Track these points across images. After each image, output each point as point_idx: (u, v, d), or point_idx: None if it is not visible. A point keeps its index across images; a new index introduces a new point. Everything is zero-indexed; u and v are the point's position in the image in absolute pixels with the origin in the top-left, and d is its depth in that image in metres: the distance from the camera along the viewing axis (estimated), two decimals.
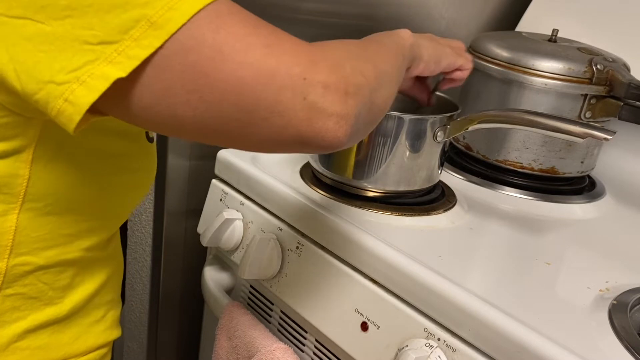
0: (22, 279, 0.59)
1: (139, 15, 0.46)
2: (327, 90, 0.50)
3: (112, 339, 0.71)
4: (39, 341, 0.62)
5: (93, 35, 0.46)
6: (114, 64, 0.46)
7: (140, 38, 0.46)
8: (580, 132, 0.74)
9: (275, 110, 0.49)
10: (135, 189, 0.67)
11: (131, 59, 0.46)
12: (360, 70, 0.53)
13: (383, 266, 0.72)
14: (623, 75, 0.94)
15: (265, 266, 0.82)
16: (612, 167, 1.08)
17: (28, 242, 0.58)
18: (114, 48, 0.46)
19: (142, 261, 1.08)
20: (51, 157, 0.56)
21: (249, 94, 0.48)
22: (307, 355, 0.82)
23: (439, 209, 0.85)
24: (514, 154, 0.97)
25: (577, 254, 0.85)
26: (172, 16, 0.46)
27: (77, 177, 0.58)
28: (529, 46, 0.99)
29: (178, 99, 0.48)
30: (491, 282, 0.73)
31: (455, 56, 0.77)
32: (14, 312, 0.60)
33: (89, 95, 0.46)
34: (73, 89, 0.46)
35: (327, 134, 0.50)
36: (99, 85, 0.46)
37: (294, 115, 0.49)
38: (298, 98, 0.49)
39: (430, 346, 0.66)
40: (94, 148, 0.58)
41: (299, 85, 0.49)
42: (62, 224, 0.59)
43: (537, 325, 0.62)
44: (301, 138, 0.50)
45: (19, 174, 0.55)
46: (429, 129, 0.81)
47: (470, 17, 1.24)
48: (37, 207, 0.57)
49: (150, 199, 1.03)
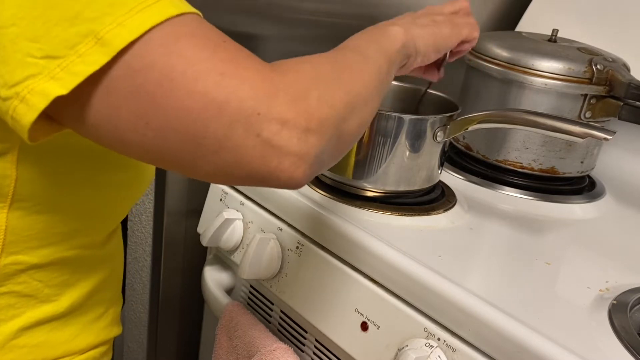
0: (15, 277, 0.59)
1: (87, 30, 0.44)
2: (284, 127, 0.46)
3: (112, 336, 0.70)
4: (36, 339, 0.61)
5: (38, 48, 0.44)
6: (56, 79, 0.44)
7: (86, 54, 0.44)
8: (580, 132, 0.74)
9: (225, 146, 0.46)
10: (128, 186, 0.66)
11: (74, 75, 0.44)
12: (327, 99, 0.49)
13: (383, 266, 0.72)
14: (623, 75, 0.94)
15: (265, 266, 0.82)
16: (612, 167, 1.08)
17: (19, 241, 0.57)
18: (58, 63, 0.44)
19: (142, 261, 1.09)
20: (36, 157, 0.55)
21: (196, 125, 0.45)
22: (307, 355, 0.82)
23: (439, 209, 0.85)
24: (514, 154, 0.97)
25: (577, 254, 0.85)
26: (119, 32, 0.44)
27: (64, 176, 0.58)
28: (529, 46, 0.99)
29: (124, 123, 0.45)
30: (491, 282, 0.73)
31: (456, 34, 0.72)
32: (9, 309, 0.59)
33: (29, 113, 0.44)
34: (15, 106, 0.45)
35: (282, 174, 0.47)
36: (38, 103, 0.44)
37: (245, 152, 0.46)
38: (250, 134, 0.45)
39: (430, 346, 0.66)
40: (79, 148, 0.57)
41: (252, 121, 0.45)
42: (53, 223, 0.59)
43: (537, 325, 0.62)
44: (254, 176, 0.47)
45: (6, 175, 0.54)
46: (429, 129, 0.81)
47: None
48: (27, 206, 0.57)
49: (150, 199, 1.03)
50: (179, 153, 0.46)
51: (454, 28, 0.72)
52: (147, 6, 0.45)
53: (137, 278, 1.11)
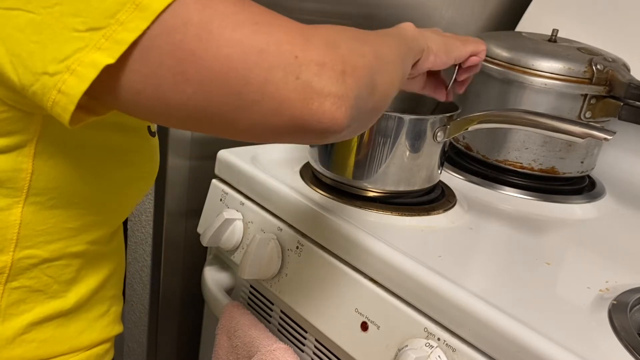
0: (28, 272, 0.59)
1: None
2: (322, 69, 0.47)
3: (114, 334, 0.71)
4: (44, 334, 0.62)
5: (81, 22, 0.45)
6: (102, 50, 0.45)
7: (127, 21, 0.45)
8: (580, 132, 0.74)
9: (266, 92, 0.46)
10: (138, 182, 0.67)
11: (119, 43, 0.45)
12: (358, 50, 0.51)
13: (383, 266, 0.72)
14: (623, 75, 0.94)
15: (265, 266, 0.82)
16: (612, 167, 1.08)
17: (33, 236, 0.58)
18: (102, 34, 0.45)
19: (142, 261, 1.09)
20: (53, 151, 0.56)
21: (236, 73, 0.46)
22: (307, 355, 0.82)
23: (439, 209, 0.85)
24: (514, 154, 0.97)
25: (577, 254, 0.85)
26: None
27: (79, 171, 0.58)
28: (529, 46, 0.99)
29: (165, 81, 0.46)
30: (491, 282, 0.73)
31: (464, 45, 0.75)
32: (20, 304, 0.60)
33: (80, 84, 0.46)
34: (65, 79, 0.46)
35: (324, 116, 0.48)
36: (89, 74, 0.45)
37: (286, 97, 0.46)
38: (290, 77, 0.46)
39: (430, 346, 0.66)
40: (95, 143, 0.58)
41: (290, 64, 0.46)
42: (66, 218, 0.59)
43: (537, 325, 0.62)
44: (296, 122, 0.48)
45: (22, 169, 0.55)
46: (429, 129, 0.81)
47: (470, 17, 1.24)
48: (41, 200, 0.57)
49: (150, 199, 1.03)
50: (220, 107, 0.47)
51: (460, 40, 0.75)
52: None
53: (137, 278, 1.11)
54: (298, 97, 0.47)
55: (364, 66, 0.51)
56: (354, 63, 0.49)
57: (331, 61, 0.48)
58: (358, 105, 0.50)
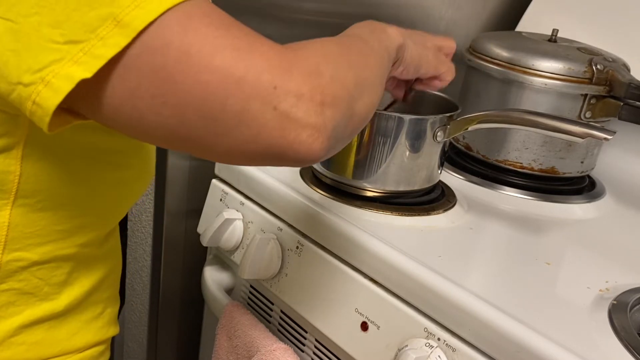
0: (17, 274, 0.59)
1: (106, 13, 0.45)
2: (300, 100, 0.47)
3: (109, 336, 0.71)
4: (35, 337, 0.62)
5: (60, 34, 0.45)
6: (80, 64, 0.45)
7: (107, 37, 0.45)
8: (580, 132, 0.74)
9: (243, 120, 0.46)
10: (131, 184, 0.66)
11: (97, 58, 0.45)
12: (339, 77, 0.50)
13: (383, 266, 0.72)
14: (623, 75, 0.94)
15: (265, 266, 0.82)
16: (612, 167, 1.08)
17: (22, 238, 0.58)
18: (80, 47, 0.45)
19: (142, 261, 1.09)
20: (41, 154, 0.55)
21: (214, 100, 0.46)
22: (307, 355, 0.82)
23: (439, 209, 0.85)
24: (514, 154, 0.97)
25: (577, 254, 0.85)
26: (138, 14, 0.45)
27: (68, 173, 0.58)
28: (529, 46, 0.99)
29: (143, 102, 0.46)
30: (491, 282, 0.73)
31: (436, 65, 0.73)
32: (9, 307, 0.60)
33: (54, 96, 0.45)
34: (39, 91, 0.45)
35: (301, 147, 0.48)
36: (63, 86, 0.45)
37: (263, 126, 0.46)
38: (268, 108, 0.46)
39: (430, 346, 0.66)
40: (84, 145, 0.58)
41: (269, 94, 0.46)
42: (55, 220, 0.59)
43: (537, 325, 0.62)
44: (272, 150, 0.48)
45: (10, 171, 0.55)
46: (428, 129, 0.81)
47: (470, 17, 1.24)
48: (30, 203, 0.57)
49: (150, 199, 1.03)
50: (196, 131, 0.47)
51: (436, 59, 0.73)
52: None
53: (137, 278, 1.11)
54: (275, 126, 0.47)
55: (344, 95, 0.50)
56: (334, 93, 0.49)
57: (310, 92, 0.47)
58: (335, 134, 0.50)
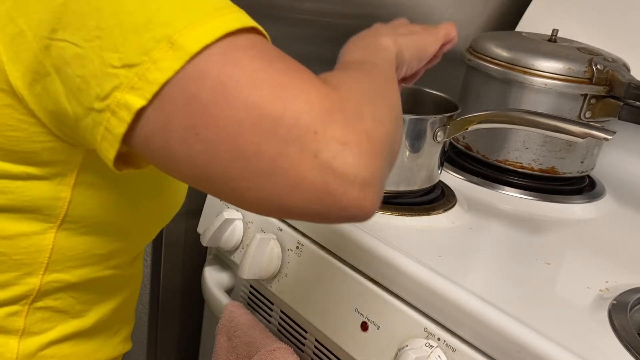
0: (54, 294, 0.59)
1: (161, 34, 0.43)
2: (345, 149, 0.41)
3: (124, 352, 0.72)
4: (63, 351, 0.62)
5: (118, 57, 0.43)
6: (136, 89, 0.43)
7: (160, 60, 0.42)
8: (580, 132, 0.74)
9: (279, 166, 0.41)
10: (168, 210, 0.66)
11: (150, 83, 0.43)
12: (380, 116, 0.46)
13: (383, 266, 0.72)
14: (623, 75, 0.94)
15: (265, 266, 0.82)
16: (612, 167, 1.08)
17: (63, 261, 0.58)
18: (135, 71, 0.43)
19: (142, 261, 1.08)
20: (92, 182, 0.55)
21: (248, 139, 0.42)
22: (307, 355, 0.82)
23: (439, 209, 0.85)
24: (514, 154, 0.97)
25: (577, 254, 0.85)
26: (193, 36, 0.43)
27: (116, 201, 0.58)
28: (529, 46, 0.99)
29: (175, 134, 0.43)
30: (491, 282, 0.73)
31: (436, 39, 0.70)
32: (44, 323, 0.60)
33: (119, 125, 0.44)
34: (108, 118, 0.44)
35: (349, 204, 0.42)
36: (126, 117, 0.44)
37: (302, 176, 0.41)
38: (307, 155, 0.41)
39: (430, 346, 0.66)
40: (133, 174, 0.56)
41: (308, 140, 0.41)
42: (95, 245, 0.59)
43: (537, 325, 0.62)
44: (313, 208, 0.43)
45: (60, 197, 0.54)
46: (429, 128, 0.81)
47: (470, 17, 1.24)
48: (74, 227, 0.57)
49: None
50: (228, 172, 0.43)
51: (432, 34, 0.71)
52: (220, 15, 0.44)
53: None
54: (316, 178, 0.42)
55: (387, 137, 0.46)
56: (379, 136, 0.44)
57: (356, 139, 0.42)
58: (383, 183, 0.45)
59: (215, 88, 0.42)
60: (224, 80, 0.42)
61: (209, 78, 0.42)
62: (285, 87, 0.42)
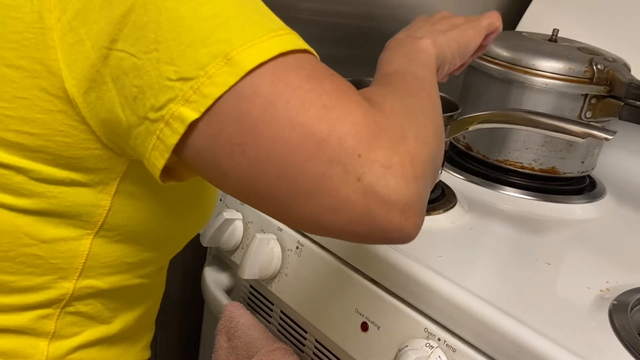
0: (85, 299, 0.60)
1: (217, 50, 0.44)
2: (388, 172, 0.42)
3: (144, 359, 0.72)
4: (89, 355, 0.63)
5: (174, 70, 0.44)
6: (190, 102, 0.44)
7: (215, 75, 0.43)
8: (581, 132, 0.74)
9: (322, 186, 0.42)
10: (198, 223, 0.67)
11: (204, 97, 0.44)
12: (423, 137, 0.46)
13: (383, 266, 0.72)
14: (623, 75, 0.94)
15: (265, 266, 0.82)
16: (613, 167, 1.08)
17: (96, 267, 0.58)
18: (190, 85, 0.44)
19: None
20: (132, 191, 0.56)
21: (293, 159, 0.43)
22: (307, 355, 0.82)
23: (439, 209, 0.85)
24: (514, 154, 0.97)
25: (577, 254, 0.85)
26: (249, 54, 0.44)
27: (153, 212, 0.58)
28: (529, 46, 0.99)
29: (223, 149, 0.44)
30: (491, 282, 0.73)
31: (479, 30, 0.70)
32: (73, 327, 0.60)
33: (172, 136, 0.45)
34: (161, 128, 0.45)
35: (391, 227, 0.43)
36: (179, 128, 0.45)
37: (345, 199, 0.42)
38: (351, 177, 0.42)
39: (430, 346, 0.66)
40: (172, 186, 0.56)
41: (352, 163, 0.42)
42: (128, 253, 0.60)
43: (537, 325, 0.62)
44: (354, 229, 0.43)
45: (100, 205, 0.55)
46: None
47: None
48: (110, 235, 0.57)
49: None
50: (272, 189, 0.44)
51: (475, 26, 0.71)
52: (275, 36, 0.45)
53: None
54: (359, 201, 0.42)
55: (429, 156, 0.46)
56: (422, 158, 0.44)
57: (400, 162, 0.43)
58: (425, 203, 0.45)
59: (265, 106, 0.43)
60: (274, 100, 0.43)
61: (260, 96, 0.43)
62: (332, 108, 0.43)
